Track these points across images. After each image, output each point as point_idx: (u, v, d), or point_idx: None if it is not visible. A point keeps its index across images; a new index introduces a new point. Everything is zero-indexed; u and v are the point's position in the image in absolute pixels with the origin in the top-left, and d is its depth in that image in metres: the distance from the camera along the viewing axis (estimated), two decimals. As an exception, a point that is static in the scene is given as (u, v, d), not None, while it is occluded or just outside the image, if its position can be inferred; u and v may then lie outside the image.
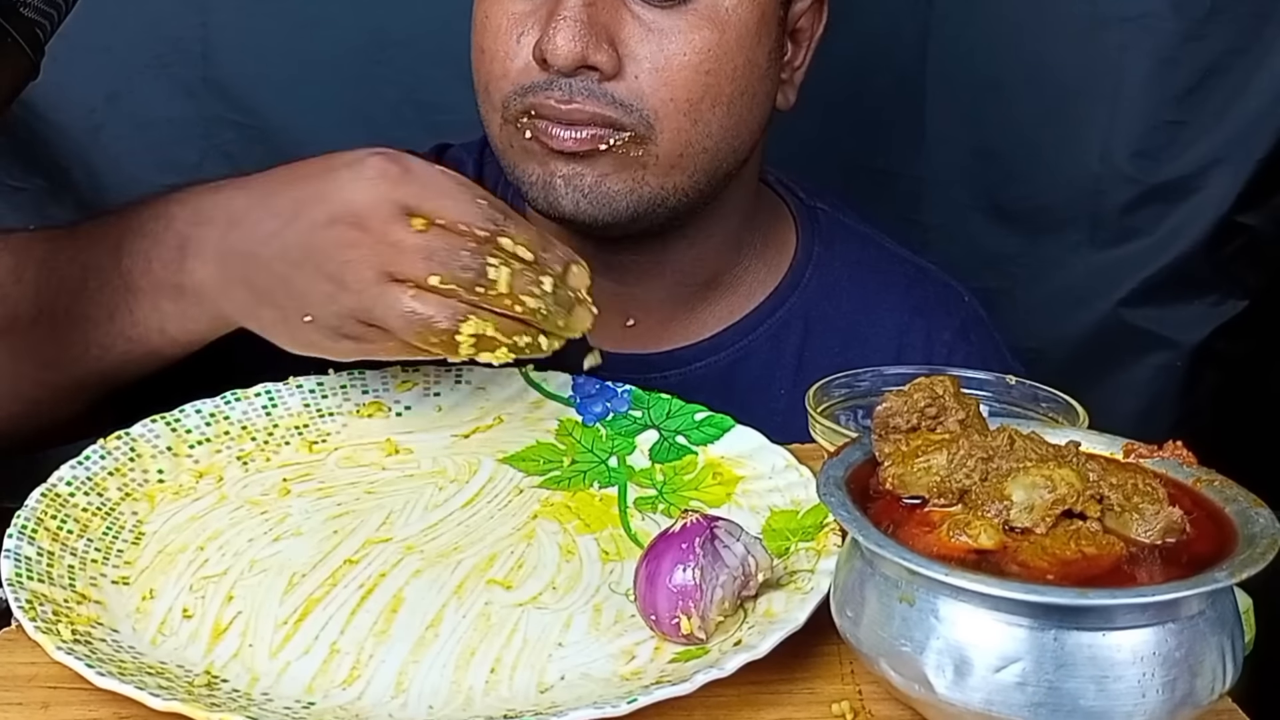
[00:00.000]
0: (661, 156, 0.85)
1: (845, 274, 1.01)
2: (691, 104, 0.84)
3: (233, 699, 0.54)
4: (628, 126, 0.83)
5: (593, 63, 0.82)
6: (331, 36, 1.41)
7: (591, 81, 0.83)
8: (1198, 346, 1.45)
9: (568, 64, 0.82)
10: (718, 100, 0.86)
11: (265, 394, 0.77)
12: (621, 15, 0.83)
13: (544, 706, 0.53)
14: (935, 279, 1.04)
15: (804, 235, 1.02)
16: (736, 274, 0.99)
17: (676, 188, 0.87)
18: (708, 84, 0.85)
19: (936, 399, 0.58)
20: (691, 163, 0.86)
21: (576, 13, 0.82)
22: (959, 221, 1.47)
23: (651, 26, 0.84)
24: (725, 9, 0.85)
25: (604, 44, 0.82)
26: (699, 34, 0.84)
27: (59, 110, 1.38)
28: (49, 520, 0.64)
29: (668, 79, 0.84)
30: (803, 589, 0.61)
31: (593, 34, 0.82)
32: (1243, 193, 1.40)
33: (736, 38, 0.85)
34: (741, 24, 0.85)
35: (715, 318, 0.98)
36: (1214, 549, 0.51)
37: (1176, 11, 1.36)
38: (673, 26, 0.84)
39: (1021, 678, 0.48)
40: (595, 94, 0.83)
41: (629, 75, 0.83)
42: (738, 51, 0.86)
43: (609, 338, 0.95)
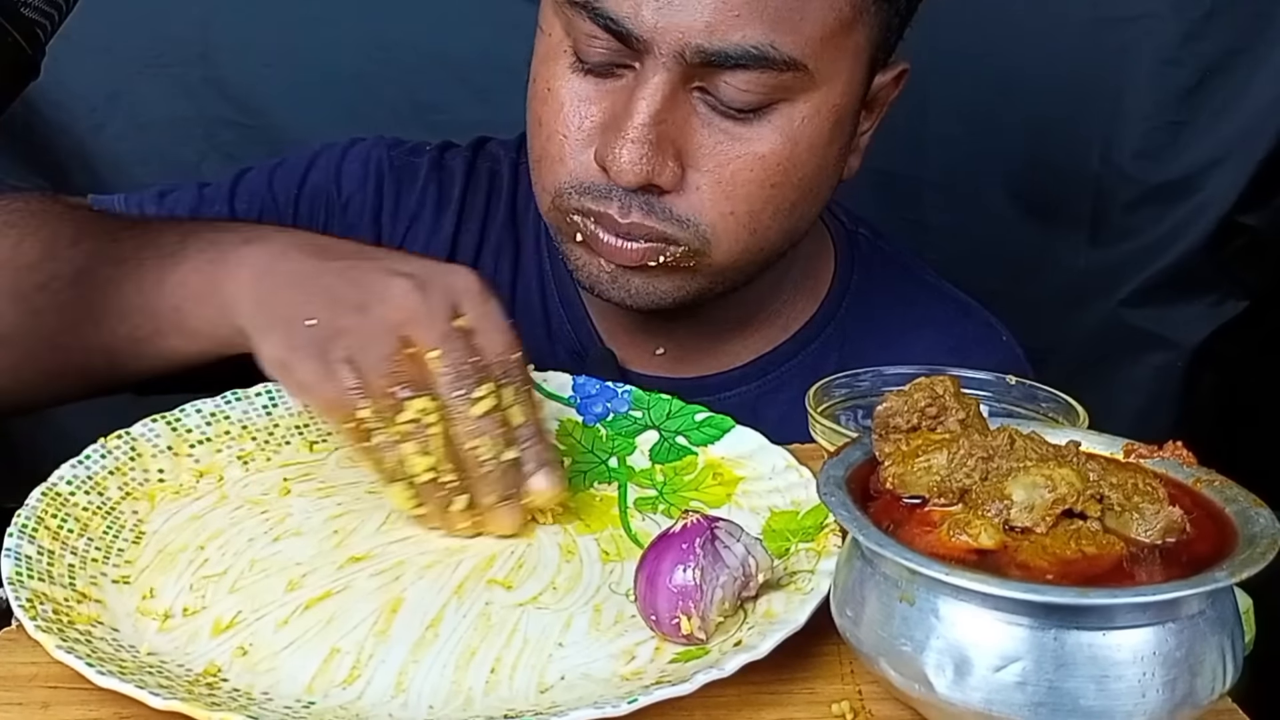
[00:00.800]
0: (715, 264, 0.83)
1: (881, 305, 0.98)
2: (752, 216, 0.81)
3: (233, 698, 0.54)
4: (683, 242, 0.81)
5: (659, 182, 0.79)
6: (331, 37, 1.41)
7: (653, 197, 0.80)
8: (1198, 347, 1.46)
9: (632, 184, 0.78)
10: (779, 209, 0.82)
11: (265, 394, 0.77)
12: (691, 124, 0.79)
13: (544, 706, 0.53)
14: (976, 317, 1.01)
15: (843, 262, 0.99)
16: (775, 309, 0.96)
17: (724, 281, 0.85)
18: (770, 196, 0.81)
19: (937, 399, 0.58)
20: (745, 262, 0.84)
21: (646, 132, 0.77)
22: (959, 221, 1.47)
23: (720, 135, 0.79)
24: (800, 119, 0.80)
25: (669, 161, 0.78)
26: (768, 147, 0.80)
27: (59, 110, 1.39)
28: (49, 519, 0.64)
29: (729, 193, 0.80)
30: (803, 589, 0.61)
31: (659, 153, 0.78)
32: (1243, 193, 1.40)
33: (809, 148, 0.81)
34: (815, 133, 0.81)
35: (748, 348, 0.97)
36: (1214, 549, 0.51)
37: (1177, 11, 1.36)
38: (742, 135, 0.79)
39: (1021, 677, 0.48)
40: (655, 210, 0.80)
41: (690, 187, 0.80)
42: (808, 160, 0.82)
43: (637, 361, 0.95)
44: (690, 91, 0.79)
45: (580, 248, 0.84)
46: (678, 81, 0.78)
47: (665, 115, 0.78)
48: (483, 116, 1.34)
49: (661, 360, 0.96)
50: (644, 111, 0.77)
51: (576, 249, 0.85)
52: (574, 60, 0.81)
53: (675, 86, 0.78)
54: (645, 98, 0.77)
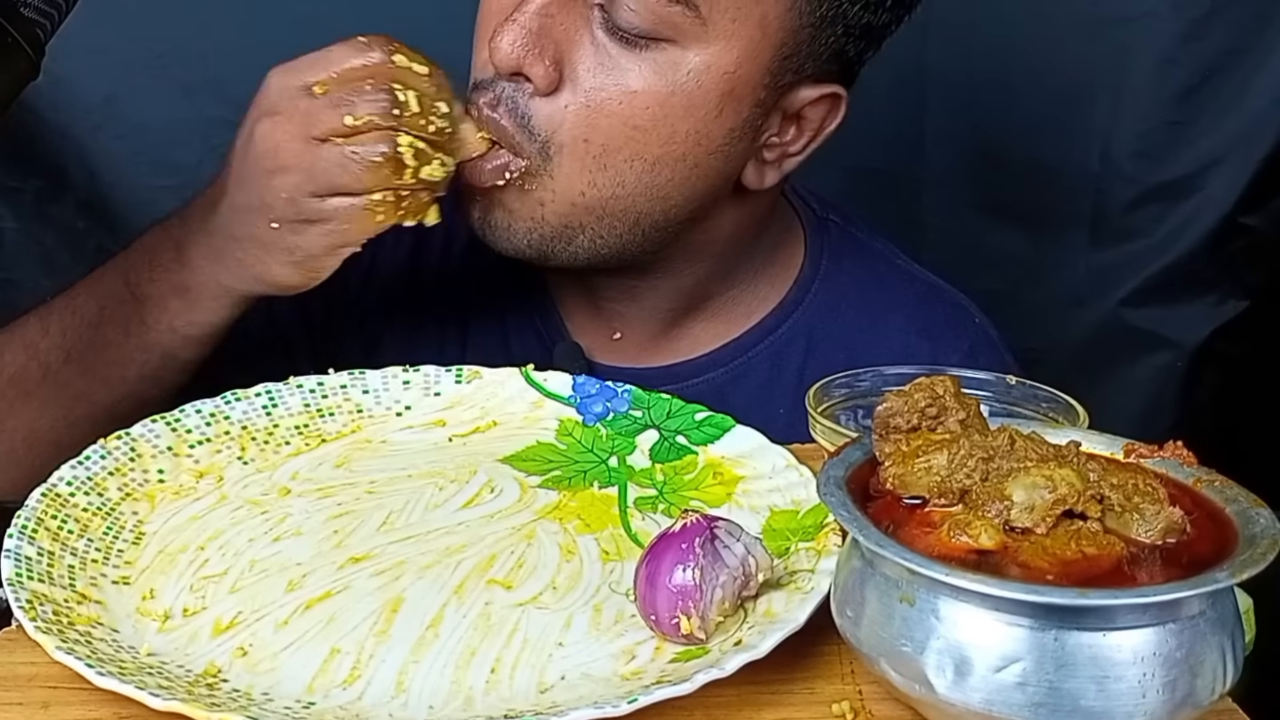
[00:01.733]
0: (559, 192, 0.82)
1: (852, 290, 0.98)
2: (606, 151, 0.81)
3: (233, 699, 0.54)
4: (527, 155, 0.81)
5: (527, 73, 0.79)
6: (331, 37, 1.40)
7: (523, 93, 0.80)
8: (1198, 347, 1.45)
9: (503, 67, 0.80)
10: (638, 156, 0.81)
11: (265, 394, 0.77)
12: (580, 35, 0.80)
13: (544, 706, 0.53)
14: (947, 299, 1.01)
15: (812, 248, 0.99)
16: (732, 295, 0.96)
17: (584, 227, 0.84)
18: (630, 137, 0.80)
19: (937, 399, 0.58)
20: (600, 207, 0.83)
21: (528, 20, 0.79)
22: (959, 221, 1.47)
23: (604, 58, 0.79)
24: (686, 69, 0.80)
25: (546, 58, 0.79)
26: (643, 83, 0.79)
27: (58, 111, 1.38)
28: (49, 520, 0.64)
29: (591, 120, 0.80)
30: (803, 589, 0.61)
31: (536, 44, 0.79)
32: (1244, 193, 1.40)
33: (685, 104, 0.80)
34: (699, 91, 0.80)
35: (711, 334, 0.96)
36: (1214, 549, 0.51)
37: (1177, 11, 1.36)
38: (625, 66, 0.79)
39: (1022, 678, 0.48)
40: (518, 110, 0.80)
41: (560, 98, 0.80)
42: (682, 118, 0.81)
43: (599, 349, 0.95)
44: (590, 5, 0.80)
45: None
46: None
47: (554, 12, 0.80)
48: (482, 117, 1.34)
49: (625, 350, 0.96)
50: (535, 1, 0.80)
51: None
52: None
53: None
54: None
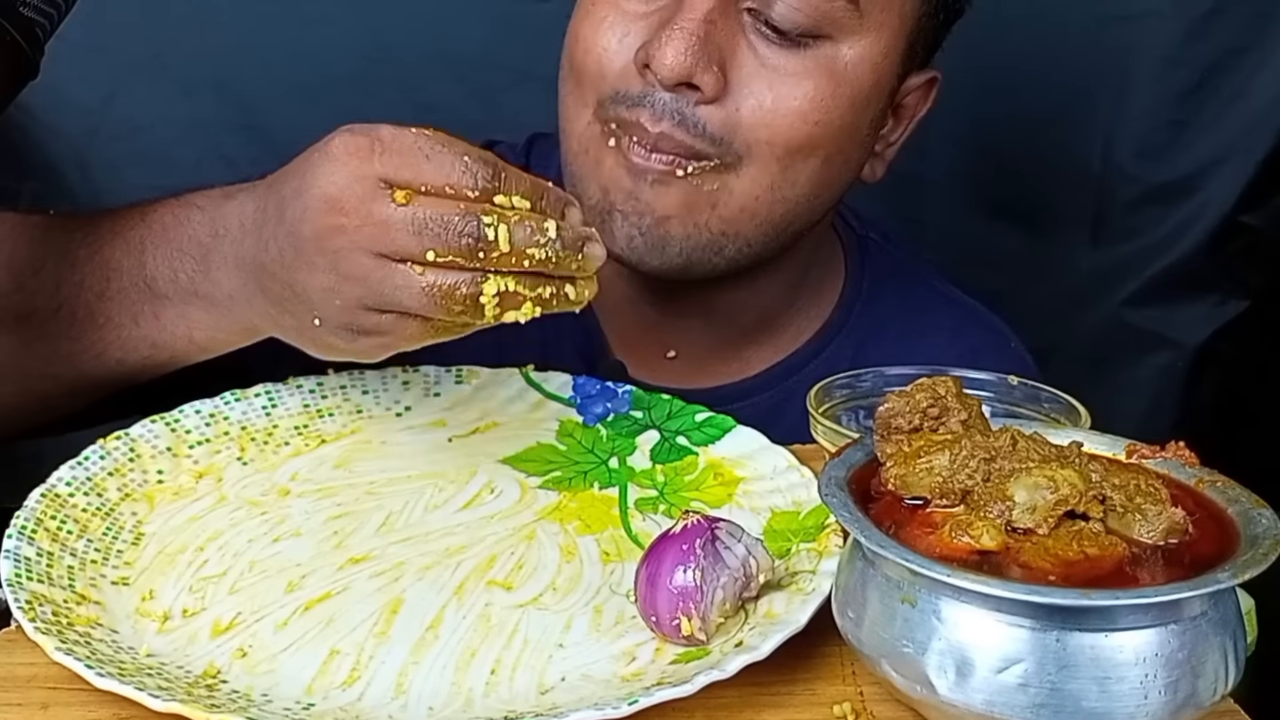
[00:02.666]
0: (737, 194, 0.81)
1: (893, 314, 0.98)
2: (789, 151, 0.81)
3: (232, 700, 0.53)
4: (713, 157, 0.80)
5: (697, 82, 0.78)
6: (331, 37, 1.41)
7: (688, 104, 0.79)
8: (1200, 347, 1.45)
9: (671, 78, 0.78)
10: (814, 153, 0.82)
11: (265, 394, 0.77)
12: (738, 41, 0.79)
13: (544, 708, 0.53)
14: (985, 323, 1.01)
15: (853, 268, 0.99)
16: (788, 316, 0.96)
17: (739, 235, 0.83)
18: (811, 134, 0.81)
19: (939, 399, 0.58)
20: (765, 210, 0.83)
21: (694, 26, 0.77)
22: (959, 221, 1.47)
23: (766, 62, 0.79)
24: (845, 63, 0.81)
25: (713, 65, 0.78)
26: (814, 81, 0.80)
27: (55, 111, 1.38)
28: (48, 521, 0.63)
29: (771, 120, 0.79)
30: (804, 590, 0.60)
31: (705, 52, 0.77)
32: (1245, 193, 1.40)
33: (850, 95, 0.81)
34: (857, 82, 0.81)
35: (760, 357, 0.96)
36: (1216, 550, 0.51)
37: (1178, 10, 1.36)
38: (789, 67, 0.79)
39: (1024, 679, 0.48)
40: (687, 121, 0.79)
41: (729, 105, 0.79)
42: (848, 110, 0.82)
43: (647, 367, 0.94)
44: (742, 10, 0.79)
45: (598, 179, 0.83)
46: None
47: (715, 19, 0.78)
48: (483, 116, 1.35)
49: (673, 370, 0.94)
50: (697, 8, 0.78)
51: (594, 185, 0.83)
52: None
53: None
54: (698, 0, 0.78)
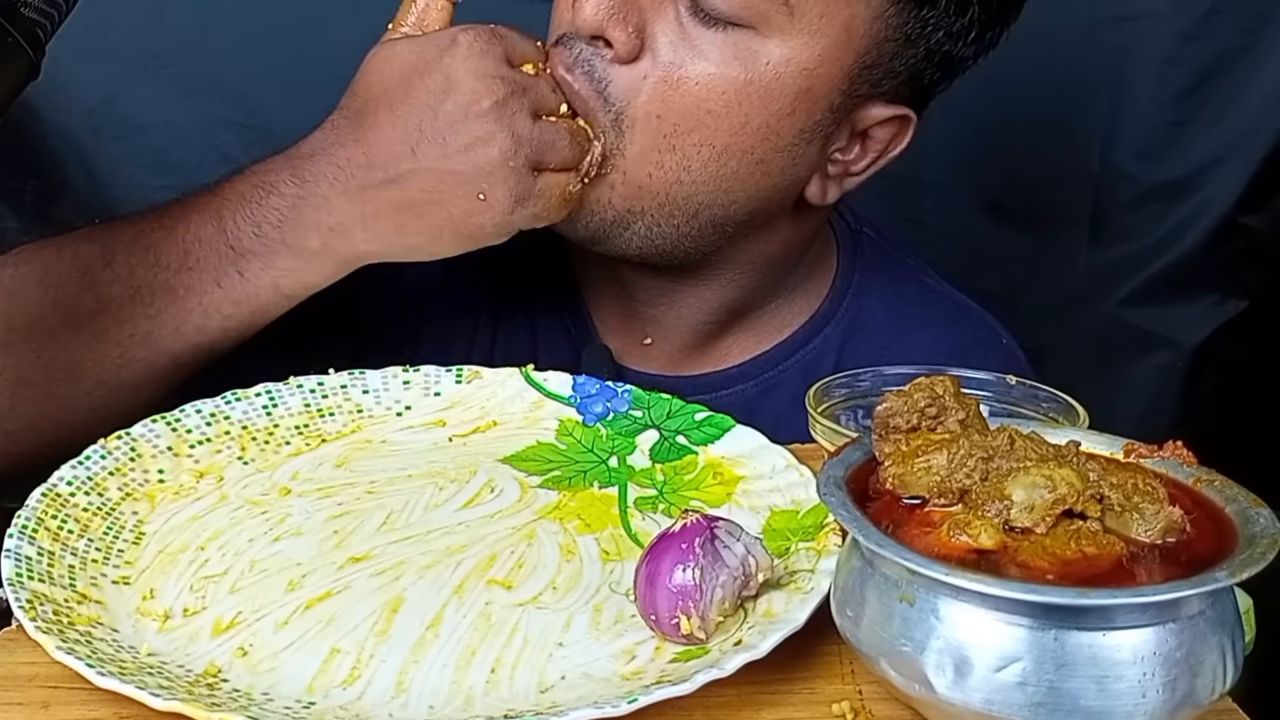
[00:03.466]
0: (629, 174, 0.81)
1: (882, 307, 0.97)
2: (677, 132, 0.80)
3: (233, 699, 0.54)
4: (600, 127, 0.80)
5: (609, 37, 0.79)
6: (331, 36, 1.40)
7: (601, 58, 0.80)
8: (1198, 347, 1.46)
9: (585, 28, 0.79)
10: (706, 142, 0.81)
11: (266, 394, 0.77)
12: (664, 8, 0.79)
13: (544, 706, 0.53)
14: (975, 318, 1.01)
15: (844, 261, 0.99)
16: (768, 309, 0.96)
17: (644, 213, 0.83)
18: (701, 121, 0.80)
19: (936, 399, 0.58)
20: (663, 191, 0.82)
21: None
22: (959, 221, 1.47)
23: (687, 36, 0.79)
24: (766, 59, 0.79)
25: (629, 26, 0.79)
26: (721, 67, 0.79)
27: (58, 111, 1.38)
28: (49, 520, 0.64)
29: (666, 96, 0.80)
30: (803, 589, 0.61)
31: (622, 9, 0.79)
32: (1243, 193, 1.40)
33: (761, 96, 0.80)
34: (776, 84, 0.80)
35: (742, 346, 0.96)
36: (1214, 549, 0.51)
37: (1177, 11, 1.36)
38: (704, 47, 0.79)
39: (1022, 677, 0.48)
40: (595, 74, 0.80)
41: (638, 70, 0.80)
42: (756, 110, 0.80)
43: (628, 353, 0.95)
44: None
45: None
46: None
47: None
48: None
49: (652, 357, 0.95)
50: None
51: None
52: None
53: None
54: None
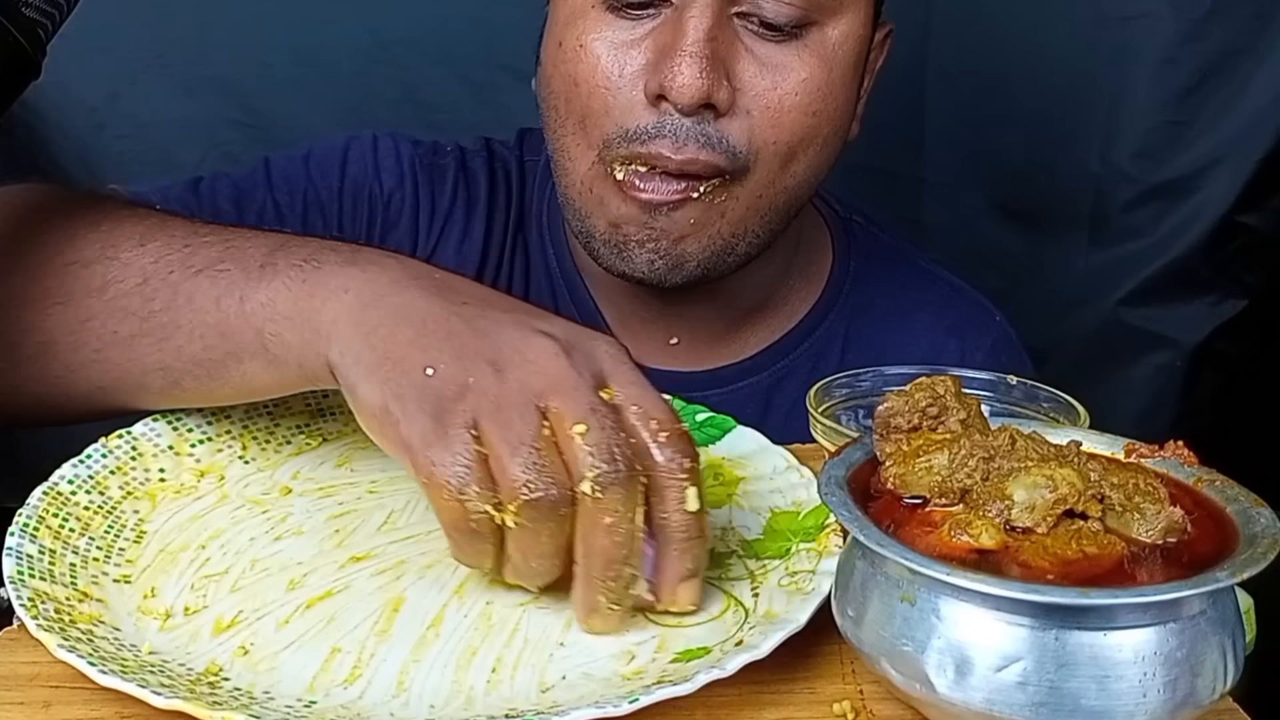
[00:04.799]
0: (742, 199, 0.81)
1: (879, 290, 0.99)
2: (791, 147, 0.81)
3: (234, 697, 0.54)
4: (726, 171, 0.80)
5: (716, 100, 0.78)
6: (331, 36, 1.41)
7: (707, 123, 0.79)
8: (1198, 346, 1.46)
9: (693, 104, 0.77)
10: (813, 142, 0.82)
11: (266, 393, 0.77)
12: (736, 49, 0.79)
13: (545, 706, 0.53)
14: (968, 298, 1.03)
15: (839, 249, 1.00)
16: (781, 294, 0.97)
17: (749, 232, 0.84)
18: (811, 125, 0.81)
19: (938, 399, 0.58)
20: (769, 205, 0.83)
21: (701, 47, 0.77)
22: (959, 221, 1.47)
23: (766, 61, 0.80)
24: (832, 44, 0.81)
25: (724, 79, 0.78)
26: (809, 71, 0.80)
27: (60, 110, 1.39)
28: (51, 519, 0.64)
29: (776, 120, 0.80)
30: (804, 589, 0.61)
31: (716, 69, 0.77)
32: (1243, 192, 1.40)
33: (841, 75, 0.82)
34: (846, 60, 0.82)
35: (758, 337, 0.97)
36: (1215, 549, 0.51)
37: (1176, 11, 1.36)
38: (785, 62, 0.80)
39: (1023, 677, 0.48)
40: (711, 140, 0.79)
41: (740, 111, 0.79)
42: (841, 89, 0.82)
43: (651, 355, 0.94)
44: (731, 18, 0.80)
45: (605, 215, 0.82)
46: (721, 2, 0.78)
47: (716, 34, 0.78)
48: (483, 116, 1.35)
49: (674, 353, 0.95)
50: (698, 28, 0.77)
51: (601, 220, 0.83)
52: (604, 7, 0.81)
53: (720, 7, 0.78)
54: (695, 17, 0.78)
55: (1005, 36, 1.41)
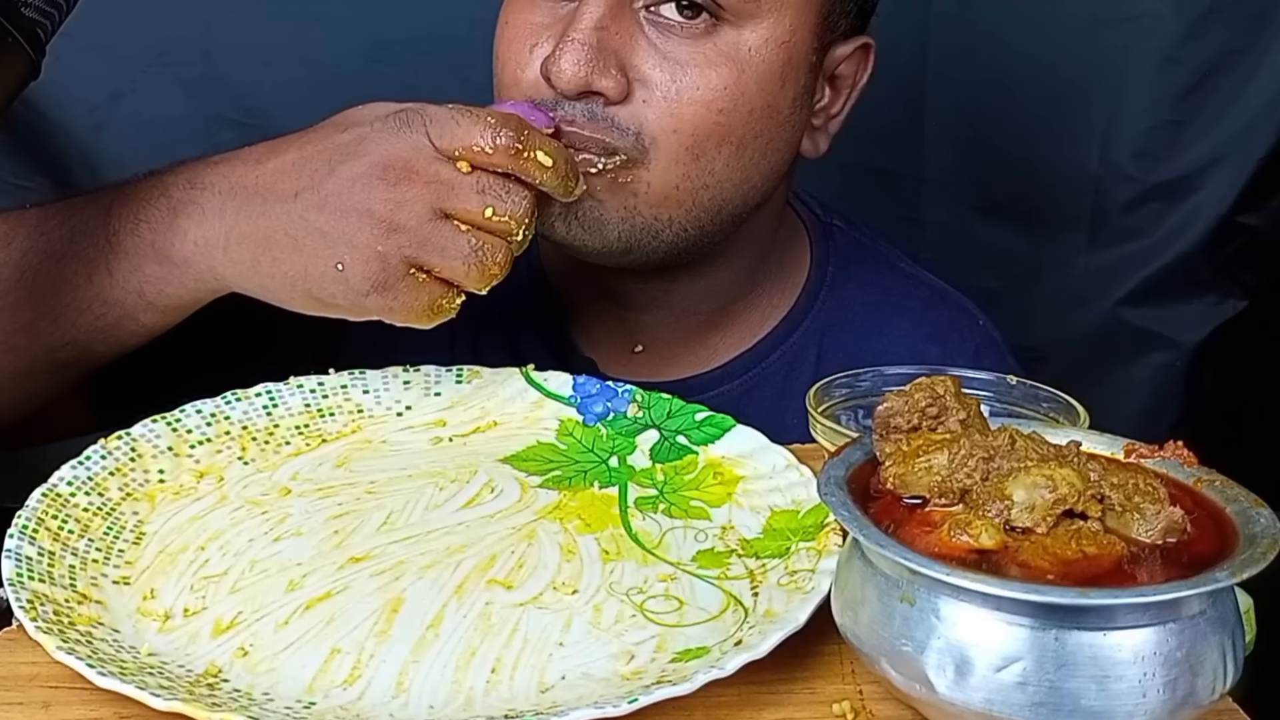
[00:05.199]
0: (654, 185, 0.82)
1: (859, 297, 0.98)
2: (696, 140, 0.81)
3: (234, 699, 0.54)
4: (621, 150, 0.80)
5: (598, 88, 0.79)
6: (331, 36, 1.41)
7: (596, 105, 0.80)
8: (1198, 346, 1.45)
9: (570, 88, 0.79)
10: (725, 140, 0.82)
11: (266, 394, 0.77)
12: (636, 40, 0.80)
13: (545, 706, 0.53)
14: (951, 302, 1.02)
15: (818, 254, 0.99)
16: (750, 301, 0.96)
17: (673, 221, 0.84)
18: (718, 122, 0.81)
19: (937, 399, 0.58)
20: (690, 198, 0.83)
21: (586, 35, 0.79)
22: (959, 221, 1.47)
23: (667, 55, 0.80)
24: (748, 48, 0.81)
25: (611, 69, 0.79)
26: (716, 70, 0.80)
27: (61, 109, 1.39)
28: (50, 520, 0.64)
29: (675, 110, 0.80)
30: (803, 589, 0.61)
31: (600, 58, 0.79)
32: (1242, 192, 1.40)
33: (757, 79, 0.82)
34: (764, 65, 0.82)
35: (727, 345, 0.96)
36: (1215, 549, 0.51)
37: (1176, 11, 1.36)
38: (690, 58, 0.80)
39: (1022, 677, 0.48)
40: (597, 118, 0.80)
41: (636, 100, 0.80)
42: (756, 94, 0.82)
43: (616, 363, 0.94)
44: (637, 10, 0.81)
45: None
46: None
47: (608, 24, 0.80)
48: (482, 116, 1.34)
49: (641, 362, 0.95)
50: (587, 17, 0.79)
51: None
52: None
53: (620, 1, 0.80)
54: (590, 6, 0.80)
55: (1005, 36, 1.41)
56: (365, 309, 0.72)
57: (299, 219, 0.72)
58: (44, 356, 0.78)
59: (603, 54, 0.79)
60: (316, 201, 0.71)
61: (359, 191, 0.71)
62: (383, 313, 0.72)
